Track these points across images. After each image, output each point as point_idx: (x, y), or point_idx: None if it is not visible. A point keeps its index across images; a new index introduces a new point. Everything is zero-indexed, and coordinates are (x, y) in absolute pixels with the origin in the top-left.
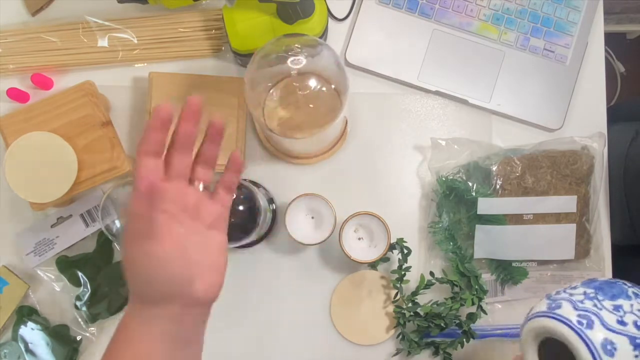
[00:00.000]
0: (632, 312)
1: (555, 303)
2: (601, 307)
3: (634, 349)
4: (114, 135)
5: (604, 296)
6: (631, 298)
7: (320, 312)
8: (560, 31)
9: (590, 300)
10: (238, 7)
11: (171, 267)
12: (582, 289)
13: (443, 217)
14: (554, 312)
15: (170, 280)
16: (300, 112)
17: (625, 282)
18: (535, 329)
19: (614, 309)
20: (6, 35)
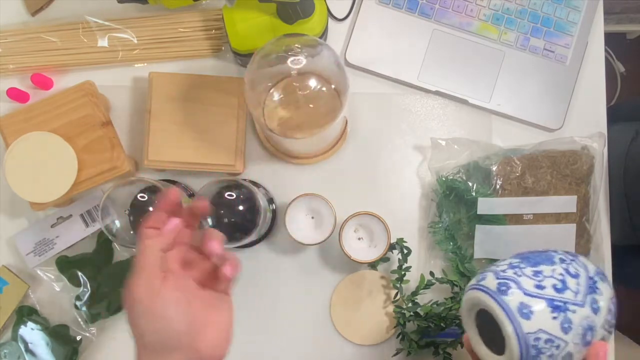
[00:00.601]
0: (552, 276)
1: (482, 275)
2: (521, 274)
3: (552, 311)
4: (114, 135)
5: (527, 264)
6: (555, 263)
7: (320, 312)
8: (560, 31)
9: (512, 269)
10: (238, 7)
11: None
12: (509, 260)
13: (443, 217)
14: (479, 284)
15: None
16: (300, 112)
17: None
18: (467, 301)
19: (533, 275)
20: (6, 35)
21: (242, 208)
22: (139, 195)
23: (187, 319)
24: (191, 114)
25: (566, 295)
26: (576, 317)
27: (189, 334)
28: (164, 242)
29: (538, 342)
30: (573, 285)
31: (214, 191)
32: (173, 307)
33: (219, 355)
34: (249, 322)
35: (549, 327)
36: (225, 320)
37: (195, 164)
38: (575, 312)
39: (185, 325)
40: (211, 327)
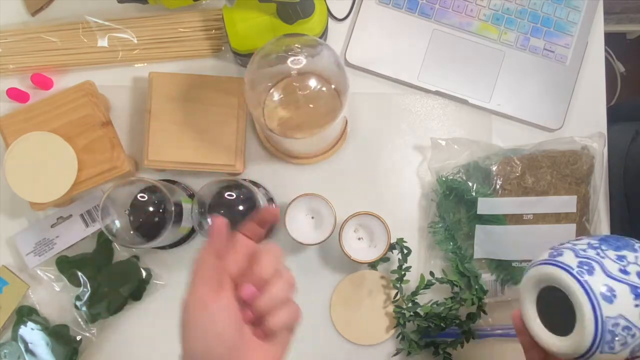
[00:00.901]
0: (636, 263)
1: (558, 251)
2: (604, 255)
3: (635, 298)
4: (114, 135)
5: (608, 247)
6: (637, 251)
7: (320, 312)
8: (560, 31)
9: (593, 249)
10: (238, 7)
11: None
12: (587, 240)
13: (443, 217)
14: (555, 259)
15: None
16: (300, 112)
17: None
18: (536, 276)
19: (617, 259)
20: (6, 35)
21: (242, 208)
22: (139, 195)
23: (237, 335)
24: (191, 114)
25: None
26: None
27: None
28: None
29: (616, 328)
30: None
31: (214, 191)
32: (223, 321)
33: None
34: None
35: (630, 314)
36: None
37: (195, 164)
38: None
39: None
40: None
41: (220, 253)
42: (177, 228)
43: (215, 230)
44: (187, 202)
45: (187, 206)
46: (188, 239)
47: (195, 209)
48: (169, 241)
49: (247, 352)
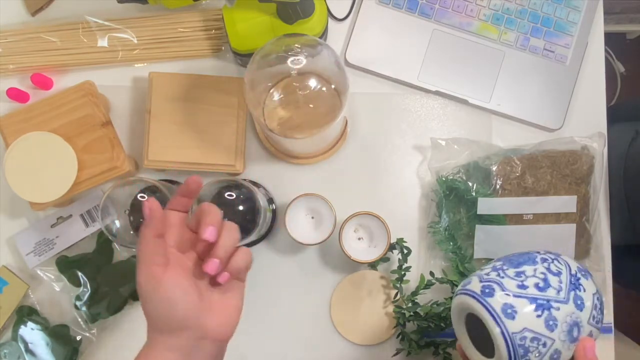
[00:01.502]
0: (534, 275)
1: (468, 280)
2: (504, 275)
3: (536, 309)
4: (114, 136)
5: (509, 266)
6: (537, 263)
7: (320, 312)
8: (560, 31)
9: (495, 271)
10: (238, 7)
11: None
12: (493, 264)
13: (443, 217)
14: (464, 288)
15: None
16: (300, 112)
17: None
18: (455, 307)
19: (515, 275)
20: (6, 35)
21: (242, 208)
22: (139, 195)
23: (193, 301)
24: (191, 114)
25: (548, 293)
26: (560, 314)
27: (195, 315)
28: (155, 229)
29: (524, 341)
30: (555, 283)
31: (214, 191)
32: (177, 291)
33: (225, 333)
34: (248, 321)
35: (534, 326)
36: (233, 303)
37: (195, 164)
38: (559, 309)
39: (192, 307)
40: (218, 309)
41: (159, 231)
42: None
43: (149, 212)
44: None
45: None
46: None
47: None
48: None
49: (208, 312)
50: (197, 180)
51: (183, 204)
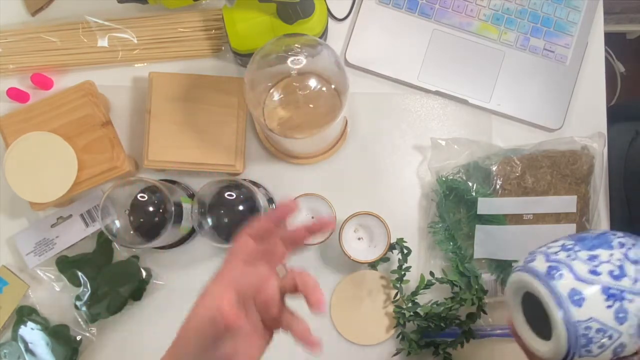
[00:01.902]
0: (609, 262)
1: (532, 256)
2: (575, 257)
3: (607, 299)
4: (114, 135)
5: (582, 247)
6: (613, 248)
7: None
8: (560, 31)
9: (565, 251)
10: (238, 7)
11: None
12: (562, 242)
13: (443, 217)
14: (527, 265)
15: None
16: (300, 112)
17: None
18: (513, 283)
19: (588, 259)
20: (6, 35)
21: (242, 208)
22: (139, 195)
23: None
24: (191, 114)
25: (623, 282)
26: (633, 307)
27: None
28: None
29: (589, 332)
30: (632, 272)
31: (214, 191)
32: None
33: None
34: None
35: (602, 316)
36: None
37: (195, 164)
38: (632, 301)
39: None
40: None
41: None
42: (177, 228)
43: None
44: (187, 202)
45: (187, 206)
46: (188, 239)
47: (195, 209)
48: (169, 241)
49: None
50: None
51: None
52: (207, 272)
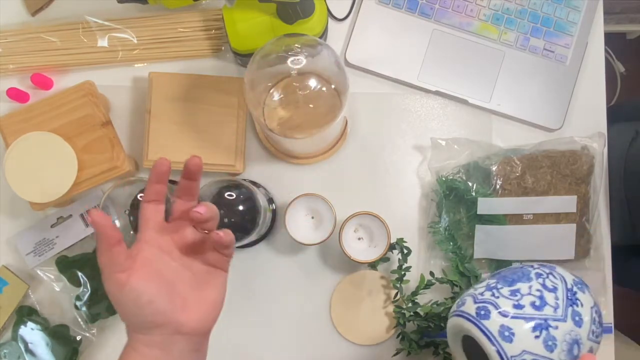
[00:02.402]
0: (530, 293)
1: (462, 300)
2: (498, 295)
3: (533, 330)
4: (114, 135)
5: (504, 284)
6: (531, 279)
7: (320, 312)
8: (560, 31)
9: (489, 290)
10: (238, 7)
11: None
12: (487, 282)
13: (443, 217)
14: (459, 309)
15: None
16: (300, 112)
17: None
18: (451, 328)
19: (510, 294)
20: (6, 35)
21: (242, 208)
22: (139, 195)
23: (161, 301)
24: (191, 114)
25: (545, 311)
26: (559, 333)
27: (165, 314)
28: (107, 242)
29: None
30: (551, 300)
31: (214, 191)
32: (142, 294)
33: (201, 328)
34: (248, 322)
35: (532, 347)
36: (212, 297)
37: None
38: (557, 327)
39: (160, 307)
40: (194, 304)
41: (112, 242)
42: None
43: (95, 226)
44: None
45: None
46: None
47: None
48: None
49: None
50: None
51: (157, 192)
52: None
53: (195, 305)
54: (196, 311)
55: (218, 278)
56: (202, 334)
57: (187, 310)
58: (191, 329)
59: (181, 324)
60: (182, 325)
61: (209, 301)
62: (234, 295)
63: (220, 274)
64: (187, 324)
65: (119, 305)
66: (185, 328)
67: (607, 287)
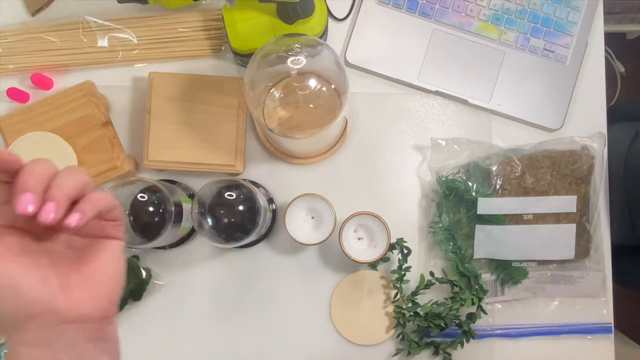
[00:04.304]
0: None
1: None
2: None
3: None
4: (114, 135)
5: None
6: None
7: (320, 312)
8: (560, 31)
9: None
10: (238, 7)
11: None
12: None
13: (443, 217)
14: None
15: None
16: (300, 112)
17: None
18: None
19: None
20: (6, 35)
21: (242, 208)
22: (139, 195)
23: (30, 285)
24: (191, 114)
25: None
26: None
27: (40, 299)
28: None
29: None
30: None
31: (214, 191)
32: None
33: (98, 311)
34: (248, 321)
35: None
36: (104, 272)
37: (195, 164)
38: None
39: (33, 291)
40: (81, 283)
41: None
42: (177, 228)
43: None
44: (187, 202)
45: (187, 206)
46: (188, 239)
47: (195, 209)
48: (169, 241)
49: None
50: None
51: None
52: (207, 272)
53: (80, 285)
54: (83, 293)
55: (108, 250)
56: (98, 318)
57: (68, 293)
58: (79, 315)
59: (63, 312)
60: (64, 312)
61: (100, 279)
62: (233, 295)
63: (110, 245)
64: (72, 310)
65: None
66: (70, 315)
67: (607, 287)
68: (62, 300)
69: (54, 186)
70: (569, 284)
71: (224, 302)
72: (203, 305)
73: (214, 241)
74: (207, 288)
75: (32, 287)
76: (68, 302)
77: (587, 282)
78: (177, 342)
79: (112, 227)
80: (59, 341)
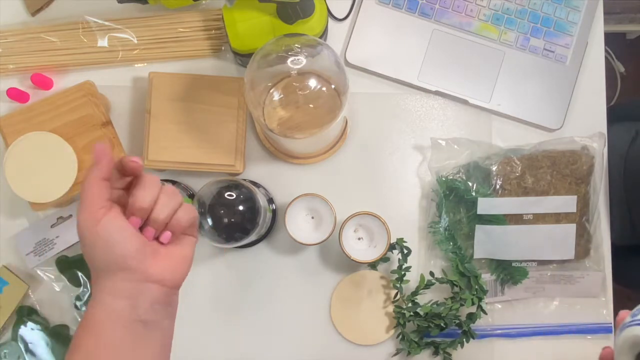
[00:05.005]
0: None
1: None
2: None
3: None
4: (114, 135)
5: None
6: None
7: (320, 312)
8: (560, 31)
9: None
10: (238, 7)
11: (117, 246)
12: None
13: (443, 217)
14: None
15: (116, 257)
16: (300, 112)
17: None
18: (627, 339)
19: None
20: (6, 35)
21: (242, 208)
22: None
23: (133, 242)
24: (191, 114)
25: None
26: None
27: (136, 257)
28: (104, 171)
29: None
30: None
31: (214, 191)
32: (117, 232)
33: (171, 279)
34: (248, 321)
35: None
36: (182, 253)
37: (195, 164)
38: None
39: (131, 248)
40: (165, 254)
41: (106, 175)
42: None
43: (100, 154)
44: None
45: None
46: None
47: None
48: None
49: (152, 255)
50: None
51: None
52: (207, 272)
53: (165, 256)
54: (166, 262)
55: (185, 242)
56: (173, 286)
57: (157, 259)
58: (162, 278)
59: (151, 271)
60: (151, 272)
61: (179, 256)
62: (233, 295)
63: (189, 239)
64: (157, 272)
65: (88, 242)
66: (155, 276)
67: (607, 287)
68: (151, 262)
69: (175, 220)
70: (569, 284)
71: (224, 302)
72: (203, 305)
73: (214, 241)
74: (207, 288)
75: (134, 244)
76: (155, 265)
77: (587, 282)
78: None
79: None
80: (141, 296)
